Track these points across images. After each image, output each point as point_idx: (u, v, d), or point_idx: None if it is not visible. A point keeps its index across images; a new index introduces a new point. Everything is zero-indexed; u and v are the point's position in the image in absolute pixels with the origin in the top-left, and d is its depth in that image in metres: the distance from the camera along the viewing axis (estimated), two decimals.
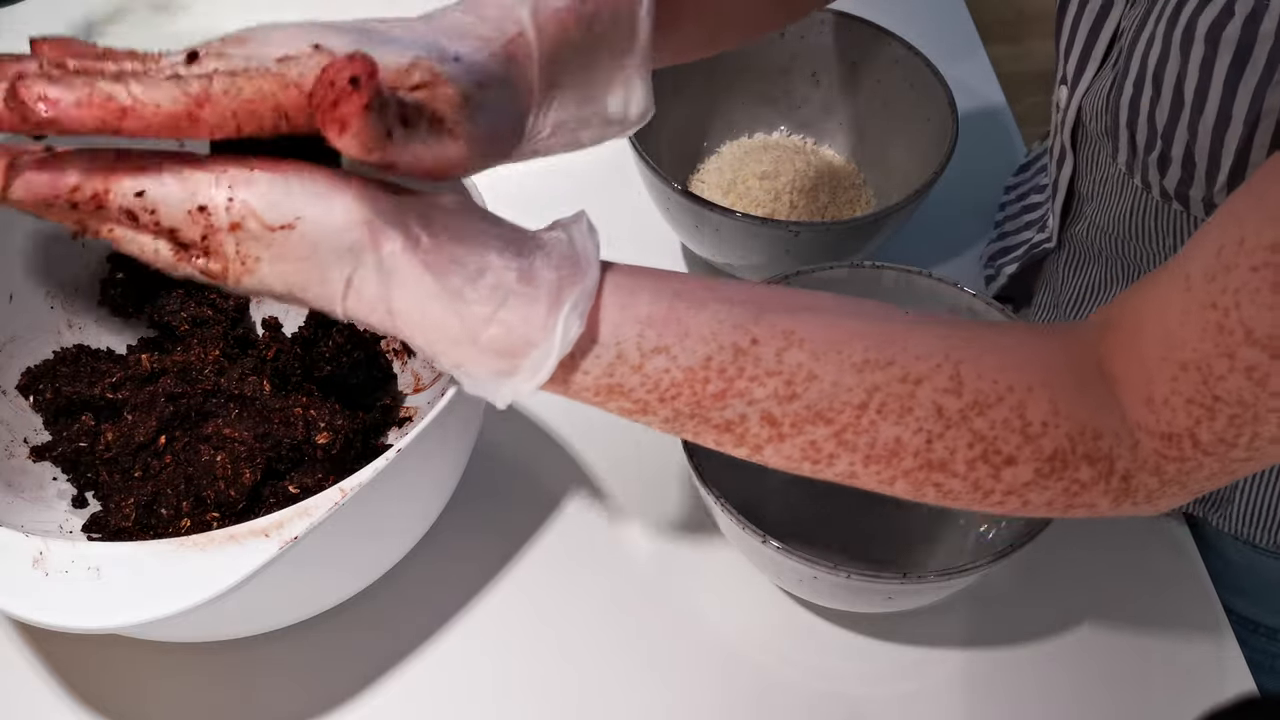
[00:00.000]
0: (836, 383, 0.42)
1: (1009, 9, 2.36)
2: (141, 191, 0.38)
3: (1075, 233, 0.67)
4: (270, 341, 0.68)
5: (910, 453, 0.43)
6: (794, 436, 0.43)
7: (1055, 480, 0.44)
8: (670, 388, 0.42)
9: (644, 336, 0.42)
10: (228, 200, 0.38)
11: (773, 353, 0.42)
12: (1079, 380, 0.44)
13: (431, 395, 0.66)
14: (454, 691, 0.59)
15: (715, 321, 0.42)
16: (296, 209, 0.38)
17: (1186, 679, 0.60)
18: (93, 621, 0.45)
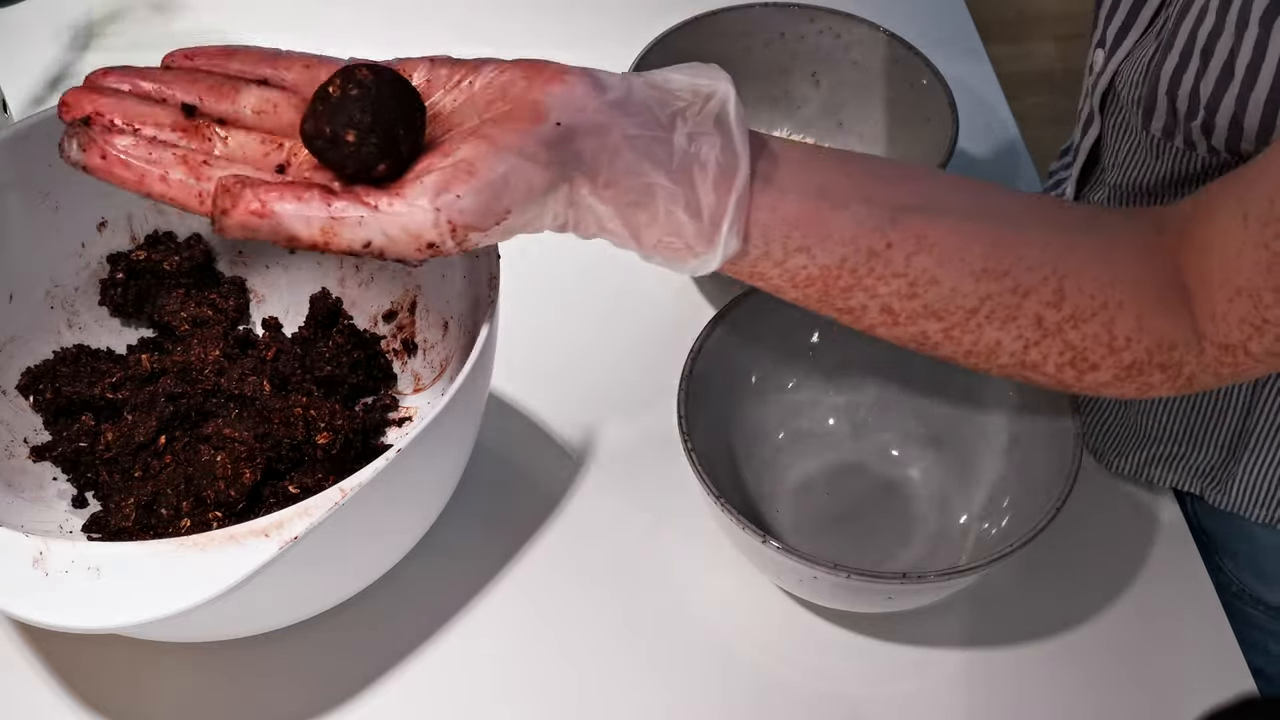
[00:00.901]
0: (955, 288, 0.48)
1: (1009, 9, 2.36)
2: (369, 242, 0.42)
3: (1092, 199, 0.67)
4: (270, 341, 0.68)
5: (1007, 354, 0.50)
6: (907, 326, 0.49)
7: (1129, 383, 0.50)
8: (805, 280, 0.48)
9: (789, 238, 0.47)
10: (451, 230, 0.43)
11: (903, 257, 0.47)
12: (1160, 294, 0.49)
13: (431, 395, 0.66)
14: (454, 691, 0.59)
15: (855, 223, 0.47)
16: (505, 205, 0.43)
17: (1186, 679, 0.60)
18: (93, 621, 0.45)
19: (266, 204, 0.42)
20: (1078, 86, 0.68)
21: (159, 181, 0.44)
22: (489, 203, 0.42)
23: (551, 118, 0.44)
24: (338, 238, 0.42)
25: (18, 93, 0.88)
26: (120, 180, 0.44)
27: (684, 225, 0.46)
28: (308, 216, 0.42)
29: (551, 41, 0.93)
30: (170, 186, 0.44)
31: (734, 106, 0.46)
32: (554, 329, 0.74)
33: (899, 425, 0.67)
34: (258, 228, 0.42)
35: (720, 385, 0.62)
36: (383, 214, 0.42)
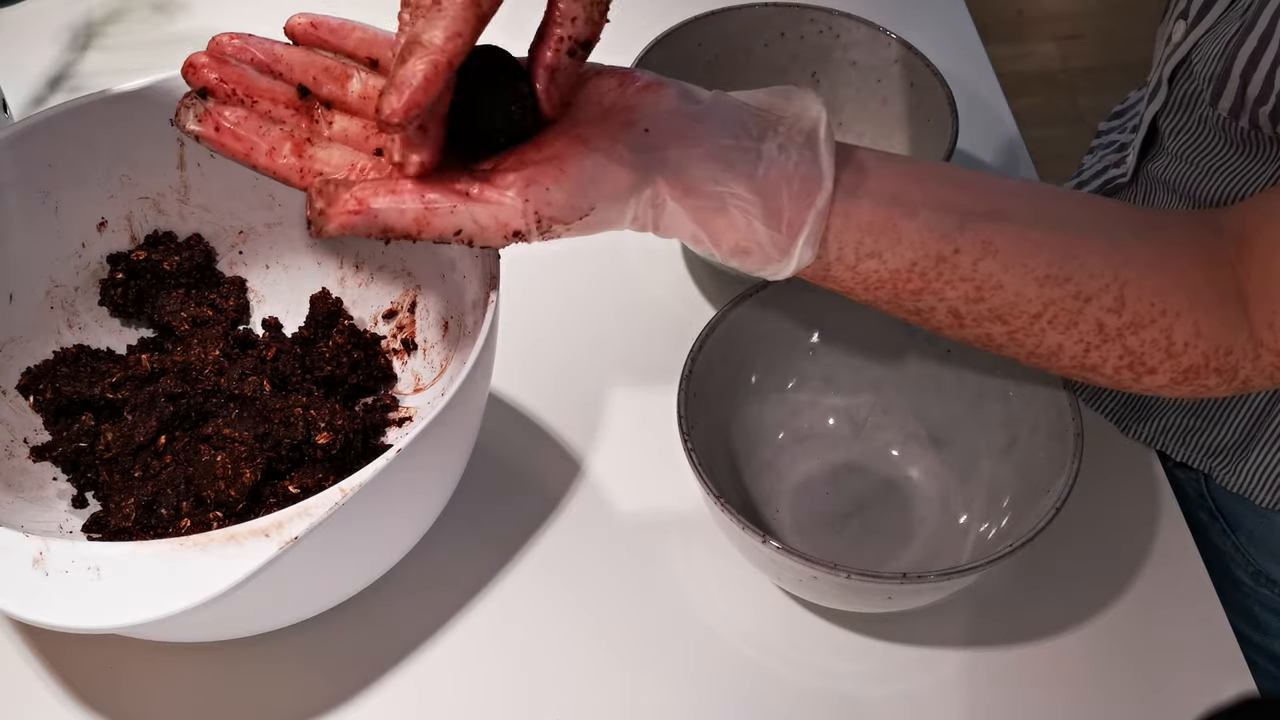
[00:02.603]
0: (1019, 293, 0.49)
1: (1009, 9, 2.36)
2: (459, 230, 0.44)
3: (1152, 169, 0.68)
4: (270, 341, 0.68)
5: (1068, 357, 0.51)
6: (973, 328, 0.51)
7: (1185, 385, 0.51)
8: (876, 283, 0.49)
9: (862, 243, 0.48)
10: (537, 221, 0.44)
11: (970, 262, 0.49)
12: (1218, 300, 0.50)
13: (431, 395, 0.66)
14: (454, 691, 0.59)
15: (925, 229, 0.48)
16: (590, 202, 0.44)
17: (1186, 679, 0.60)
18: (93, 621, 0.45)
19: (364, 201, 0.43)
20: (1078, 86, 0.68)
21: (265, 156, 0.47)
22: (575, 198, 0.44)
23: (640, 124, 0.46)
24: (430, 226, 0.43)
25: (18, 93, 0.88)
26: (230, 151, 0.47)
27: (760, 235, 0.47)
28: (402, 209, 0.43)
29: None
30: (275, 162, 0.47)
31: (825, 127, 0.48)
32: (554, 329, 0.74)
33: (899, 425, 0.67)
34: (355, 225, 0.43)
35: (720, 385, 0.62)
36: (474, 203, 0.43)
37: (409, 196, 0.43)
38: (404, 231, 0.43)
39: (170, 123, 0.65)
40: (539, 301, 0.75)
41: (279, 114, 0.48)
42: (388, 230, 0.43)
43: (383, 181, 0.44)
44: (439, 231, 0.43)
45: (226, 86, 0.48)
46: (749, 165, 0.46)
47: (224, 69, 0.48)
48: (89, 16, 0.95)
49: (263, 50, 0.49)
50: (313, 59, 0.49)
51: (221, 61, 0.48)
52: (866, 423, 0.67)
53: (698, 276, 0.77)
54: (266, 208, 0.70)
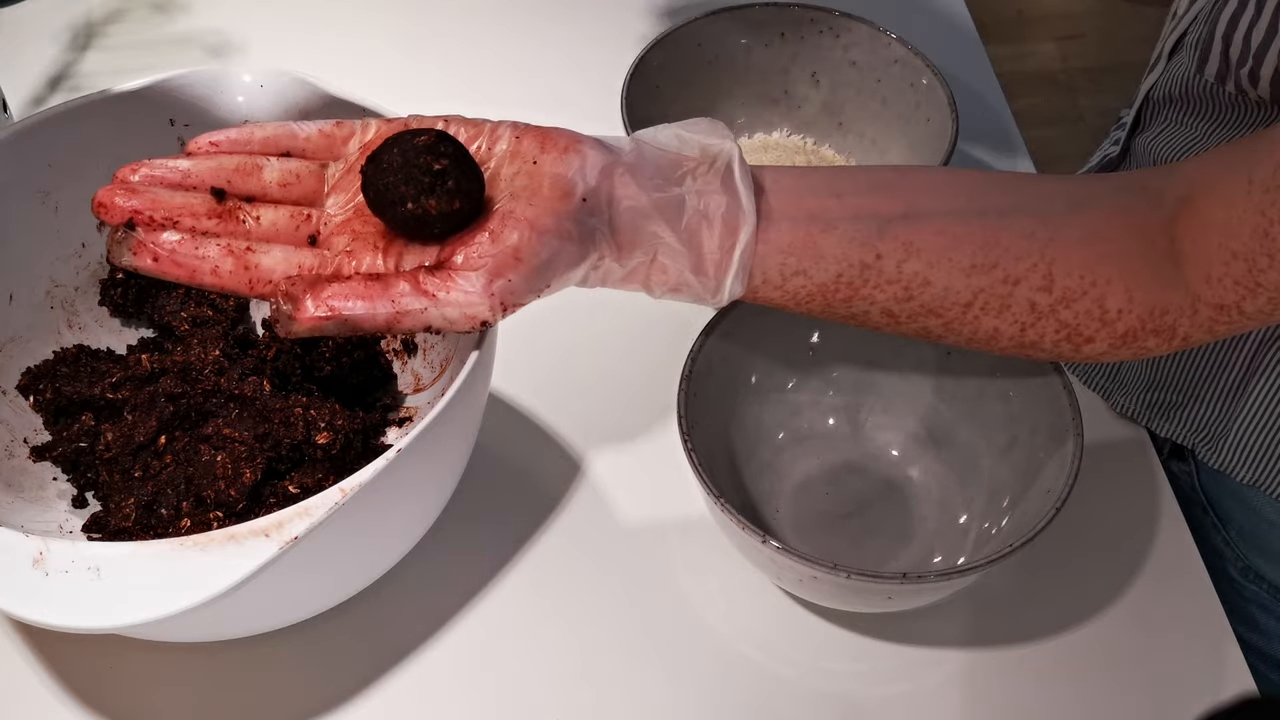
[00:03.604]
0: (948, 287, 0.51)
1: (1009, 9, 2.36)
2: (429, 325, 0.46)
3: (1140, 142, 0.68)
4: (270, 341, 0.68)
5: (1005, 338, 0.52)
6: (908, 324, 0.53)
7: (1125, 349, 0.52)
8: (805, 298, 0.51)
9: (785, 264, 0.50)
10: (501, 309, 0.47)
11: (894, 265, 0.50)
12: (1151, 263, 0.51)
13: (431, 395, 0.66)
14: (454, 691, 0.59)
15: (845, 241, 0.50)
16: (546, 281, 0.48)
17: (1186, 679, 0.60)
18: (93, 621, 0.45)
19: (335, 308, 0.45)
20: (1078, 86, 0.68)
21: (210, 275, 0.48)
22: (534, 282, 0.47)
23: (576, 193, 0.48)
24: (400, 325, 0.46)
25: (18, 93, 0.88)
26: (174, 276, 0.48)
27: (691, 281, 0.50)
28: (374, 313, 0.46)
29: (553, 43, 0.93)
30: (221, 278, 0.48)
31: (738, 165, 0.49)
32: (554, 329, 0.74)
33: (899, 425, 0.67)
34: (325, 328, 0.46)
35: (720, 385, 0.62)
36: (442, 302, 0.46)
37: (379, 301, 0.45)
38: (374, 330, 0.46)
39: (170, 123, 0.66)
40: (539, 301, 0.75)
41: (206, 226, 0.49)
42: (357, 329, 0.46)
43: (349, 283, 0.46)
44: (409, 329, 0.46)
45: (145, 214, 0.48)
46: (674, 215, 0.49)
47: (137, 197, 0.49)
48: (89, 16, 0.95)
49: (168, 170, 0.50)
50: (220, 163, 0.50)
51: (132, 191, 0.49)
52: (866, 423, 0.67)
53: None
54: None
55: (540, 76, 0.90)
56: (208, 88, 0.65)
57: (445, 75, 0.90)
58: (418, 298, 0.46)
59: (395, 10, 0.96)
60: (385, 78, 0.88)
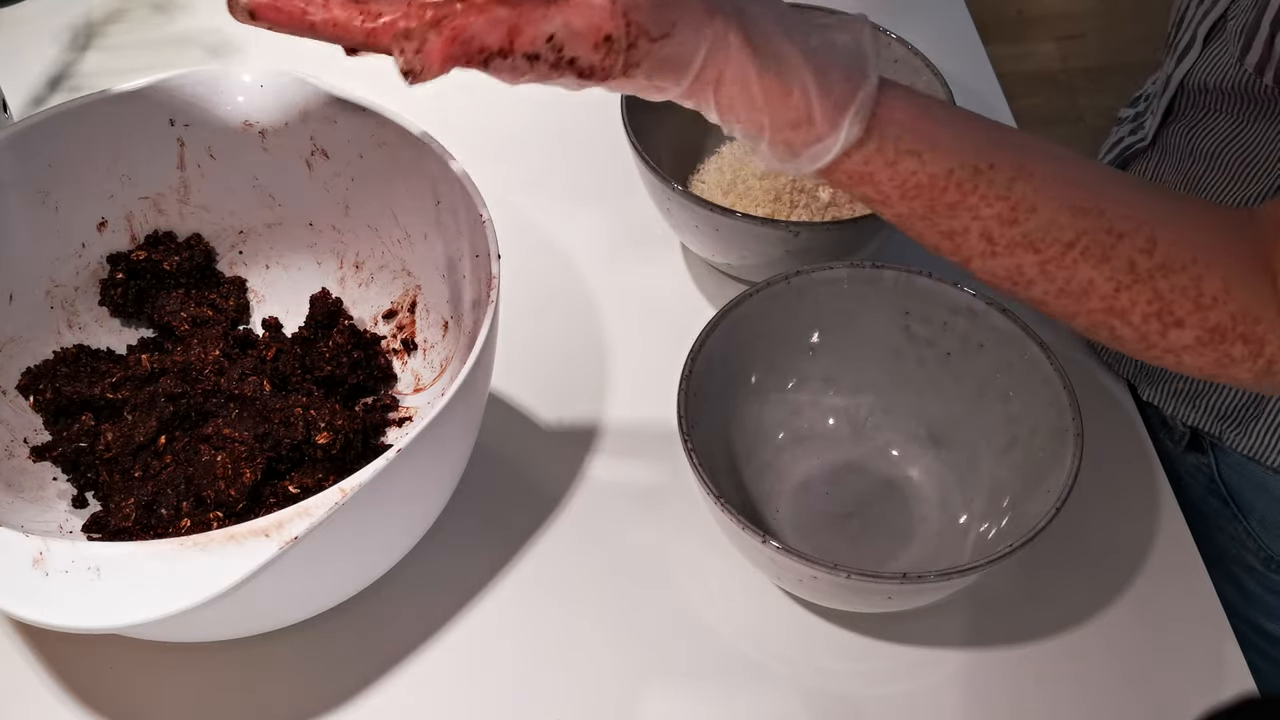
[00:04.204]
0: (1052, 220, 0.48)
1: (1009, 9, 2.36)
2: (552, 35, 0.43)
3: (1173, 132, 0.68)
4: (270, 341, 0.68)
5: (1098, 295, 0.50)
6: (1004, 257, 0.50)
7: (1211, 350, 0.50)
8: (913, 188, 0.48)
9: (900, 139, 0.48)
10: (626, 26, 0.43)
11: (1005, 179, 0.48)
12: (1249, 269, 0.49)
13: (431, 395, 0.66)
14: (453, 691, 0.59)
15: (959, 139, 0.48)
16: (671, 18, 0.44)
17: (1186, 679, 0.60)
18: (93, 621, 0.45)
19: (458, 27, 0.42)
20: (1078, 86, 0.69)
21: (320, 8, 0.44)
22: (660, 5, 0.43)
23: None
24: (522, 34, 0.42)
25: (18, 93, 0.88)
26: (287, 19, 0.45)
27: (813, 105, 0.46)
28: (495, 20, 0.42)
29: None
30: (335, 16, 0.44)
31: (869, 30, 0.48)
32: (554, 329, 0.74)
33: (899, 425, 0.67)
34: (455, 55, 0.42)
35: (720, 385, 0.62)
36: (566, 4, 0.43)
37: (499, 7, 0.42)
38: (499, 45, 0.42)
39: (170, 123, 0.66)
40: (539, 301, 0.75)
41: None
42: (484, 50, 0.42)
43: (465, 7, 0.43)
44: (531, 40, 0.42)
45: None
46: (804, 36, 0.46)
47: None
48: (89, 16, 0.95)
49: None
50: None
51: None
52: (866, 423, 0.67)
53: (698, 276, 0.77)
54: (266, 208, 0.70)
55: None
56: (208, 88, 0.65)
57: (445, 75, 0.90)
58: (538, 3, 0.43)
59: None
60: (385, 78, 0.88)
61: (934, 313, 0.64)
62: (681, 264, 0.78)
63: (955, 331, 0.64)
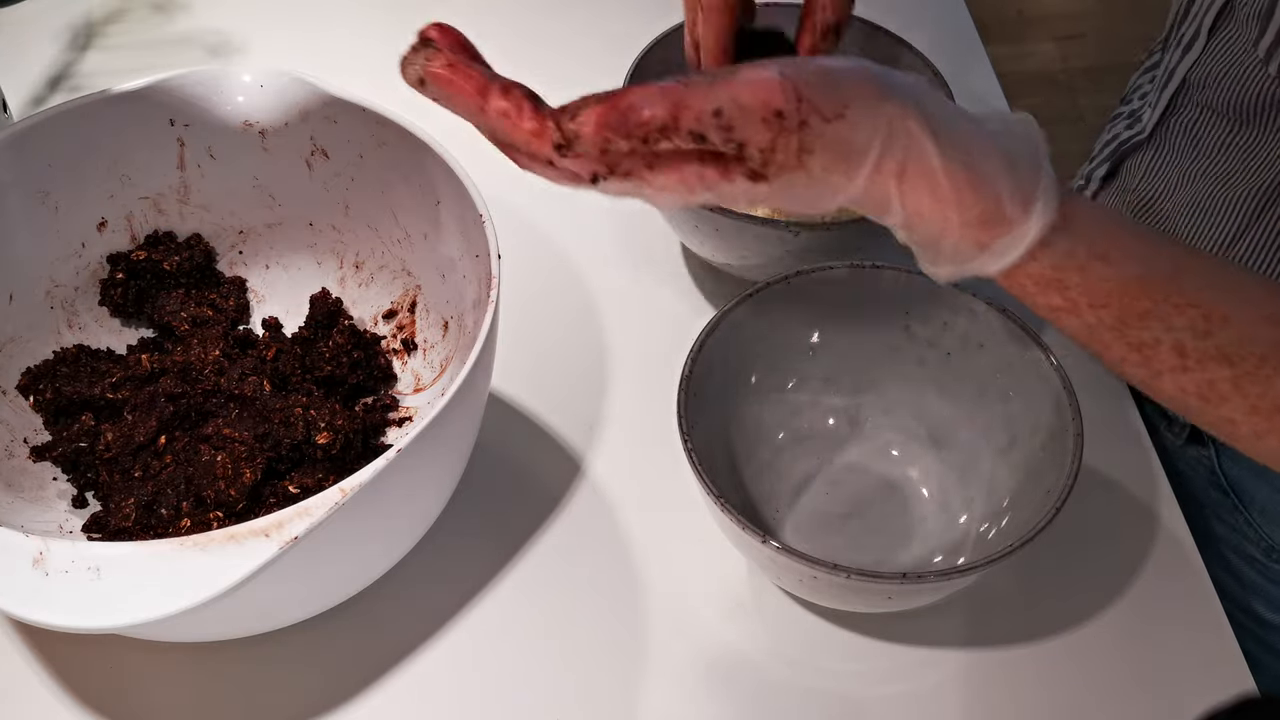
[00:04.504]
0: (1246, 331, 0.45)
1: (1009, 9, 2.36)
2: (719, 110, 0.40)
3: (1173, 123, 0.68)
4: (270, 341, 0.68)
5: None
6: (1196, 371, 0.47)
7: None
8: (1103, 295, 0.45)
9: (1093, 241, 0.44)
10: (797, 101, 0.40)
11: (1195, 286, 0.45)
12: None
13: (431, 395, 0.66)
14: (454, 692, 0.59)
15: (1150, 245, 0.45)
16: (845, 98, 0.41)
17: (1186, 679, 0.60)
18: (93, 621, 0.45)
19: (617, 99, 0.40)
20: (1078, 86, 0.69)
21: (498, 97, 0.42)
22: (830, 86, 0.41)
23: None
24: (687, 107, 0.40)
25: (18, 93, 0.88)
26: (458, 92, 0.43)
27: (1003, 191, 0.43)
28: (662, 90, 0.40)
29: (553, 40, 0.93)
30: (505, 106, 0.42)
31: (1034, 121, 0.45)
32: (554, 329, 0.74)
33: (899, 425, 0.67)
34: (611, 124, 0.41)
35: (720, 385, 0.62)
36: (733, 78, 0.40)
37: (667, 79, 0.40)
38: (662, 118, 0.40)
39: (170, 123, 0.66)
40: (539, 301, 0.75)
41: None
42: (645, 123, 0.40)
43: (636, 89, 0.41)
44: (697, 114, 0.40)
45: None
46: (980, 122, 0.44)
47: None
48: (89, 16, 0.95)
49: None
50: None
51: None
52: (866, 423, 0.67)
53: (698, 276, 0.77)
54: (266, 208, 0.70)
55: (540, 75, 0.90)
56: (208, 88, 0.65)
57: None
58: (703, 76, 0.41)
59: (395, 10, 0.96)
60: (385, 78, 0.88)
61: (934, 313, 0.64)
62: (681, 264, 0.78)
63: (955, 331, 0.64)
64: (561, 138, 0.41)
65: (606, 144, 0.41)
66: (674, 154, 0.41)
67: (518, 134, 0.42)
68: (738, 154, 0.41)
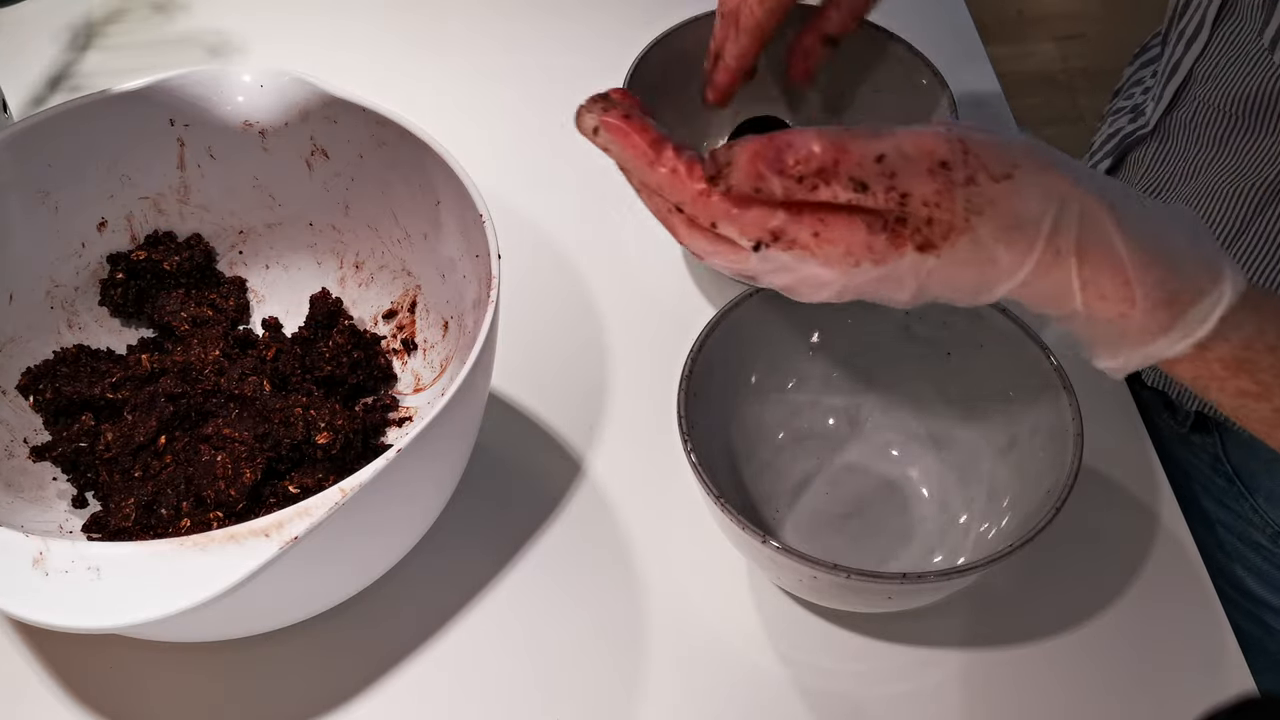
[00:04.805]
0: None
1: (1009, 9, 2.36)
2: (882, 155, 0.38)
3: (1178, 116, 0.67)
4: (270, 341, 0.68)
5: None
6: None
7: None
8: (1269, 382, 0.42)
9: (1265, 334, 0.41)
10: (963, 152, 0.38)
11: None
12: None
13: (431, 395, 0.66)
14: (454, 691, 0.59)
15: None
16: (1014, 159, 0.38)
17: (1186, 679, 0.60)
18: (93, 621, 0.45)
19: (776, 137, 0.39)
20: (1078, 86, 0.69)
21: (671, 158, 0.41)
22: (998, 146, 0.39)
23: None
24: (848, 154, 0.38)
25: (18, 93, 0.88)
26: (631, 146, 0.42)
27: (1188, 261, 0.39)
28: (820, 133, 0.38)
29: (553, 40, 0.93)
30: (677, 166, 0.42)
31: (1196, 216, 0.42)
32: (554, 329, 0.74)
33: (899, 425, 0.67)
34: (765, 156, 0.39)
35: (720, 385, 0.62)
36: (893, 128, 0.39)
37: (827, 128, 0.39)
38: (819, 161, 0.38)
39: (170, 123, 0.66)
40: (539, 301, 0.75)
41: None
42: (804, 160, 0.38)
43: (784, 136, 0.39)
44: (859, 159, 0.38)
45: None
46: (1142, 197, 0.41)
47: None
48: (89, 16, 0.95)
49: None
50: None
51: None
52: (866, 423, 0.67)
53: (698, 276, 0.77)
54: (267, 208, 0.70)
55: (540, 75, 0.90)
56: (208, 88, 0.65)
57: (445, 75, 0.90)
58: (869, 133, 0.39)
59: (395, 10, 0.96)
60: (385, 78, 0.88)
61: (934, 313, 0.64)
62: (681, 264, 0.78)
63: (955, 331, 0.64)
64: (714, 168, 0.39)
65: (760, 180, 0.39)
66: (839, 219, 0.39)
67: (685, 191, 0.41)
68: (899, 212, 0.38)
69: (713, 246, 0.42)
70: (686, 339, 0.61)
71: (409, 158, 0.63)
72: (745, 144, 0.39)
